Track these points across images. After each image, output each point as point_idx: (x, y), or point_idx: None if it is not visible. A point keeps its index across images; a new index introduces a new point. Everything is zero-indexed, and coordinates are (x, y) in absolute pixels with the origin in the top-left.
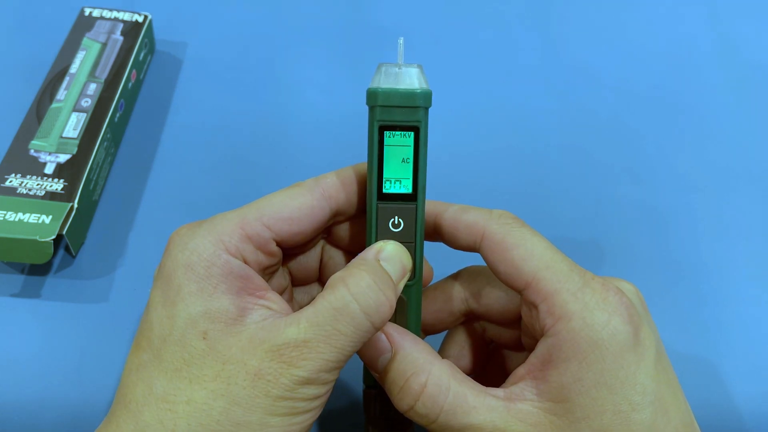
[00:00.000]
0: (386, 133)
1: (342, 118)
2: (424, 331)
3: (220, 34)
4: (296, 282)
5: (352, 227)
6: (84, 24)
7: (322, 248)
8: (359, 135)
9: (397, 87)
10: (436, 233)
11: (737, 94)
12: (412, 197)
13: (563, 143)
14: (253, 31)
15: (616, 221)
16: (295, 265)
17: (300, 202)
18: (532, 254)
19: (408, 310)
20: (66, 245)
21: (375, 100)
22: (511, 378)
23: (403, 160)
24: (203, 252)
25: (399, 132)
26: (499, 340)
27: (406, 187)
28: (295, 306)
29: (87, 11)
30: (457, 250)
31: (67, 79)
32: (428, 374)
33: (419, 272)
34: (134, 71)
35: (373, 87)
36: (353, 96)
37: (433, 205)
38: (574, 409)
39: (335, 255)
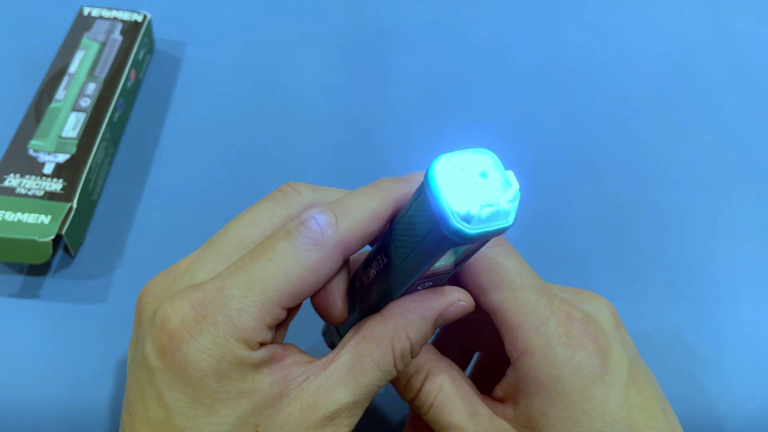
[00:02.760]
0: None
1: (342, 118)
2: None
3: (220, 33)
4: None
5: None
6: (83, 23)
7: None
8: (359, 135)
9: (488, 224)
10: None
11: (738, 93)
12: (451, 272)
13: (564, 144)
14: (253, 30)
15: (615, 221)
16: None
17: (322, 274)
18: (500, 281)
19: None
20: (65, 245)
21: (457, 236)
22: (493, 394)
23: (460, 255)
24: (231, 359)
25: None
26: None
27: (448, 270)
28: None
29: (86, 11)
30: None
31: (66, 78)
32: (426, 372)
33: None
34: (133, 71)
35: (453, 218)
36: (353, 96)
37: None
38: None
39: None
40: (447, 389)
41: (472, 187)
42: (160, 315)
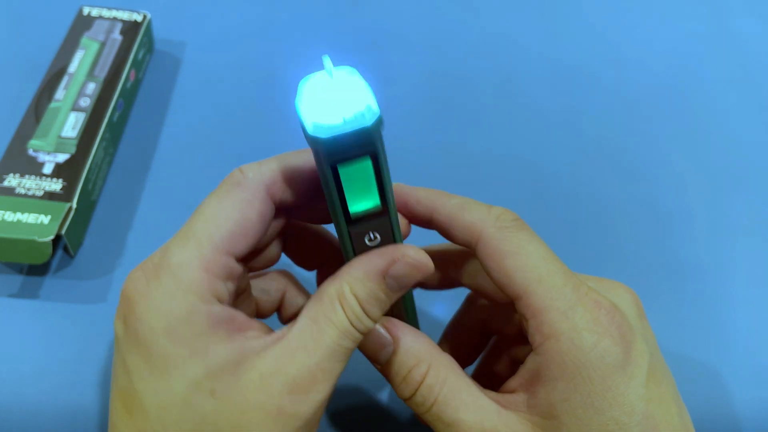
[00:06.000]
0: (340, 167)
1: None
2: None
3: (220, 33)
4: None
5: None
6: (82, 23)
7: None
8: None
9: (344, 127)
10: (431, 225)
11: (738, 93)
12: (383, 212)
13: (564, 143)
14: (253, 31)
15: (615, 221)
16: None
17: (252, 214)
18: (526, 265)
19: (404, 303)
20: (65, 245)
21: (317, 144)
22: (504, 387)
23: (363, 182)
24: (180, 313)
25: (354, 161)
26: (502, 332)
27: (374, 205)
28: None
29: (86, 10)
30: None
31: (65, 78)
32: (428, 365)
33: None
34: (133, 71)
35: (310, 126)
36: None
37: (431, 195)
38: (561, 427)
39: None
40: (452, 383)
41: (331, 99)
42: (122, 289)
